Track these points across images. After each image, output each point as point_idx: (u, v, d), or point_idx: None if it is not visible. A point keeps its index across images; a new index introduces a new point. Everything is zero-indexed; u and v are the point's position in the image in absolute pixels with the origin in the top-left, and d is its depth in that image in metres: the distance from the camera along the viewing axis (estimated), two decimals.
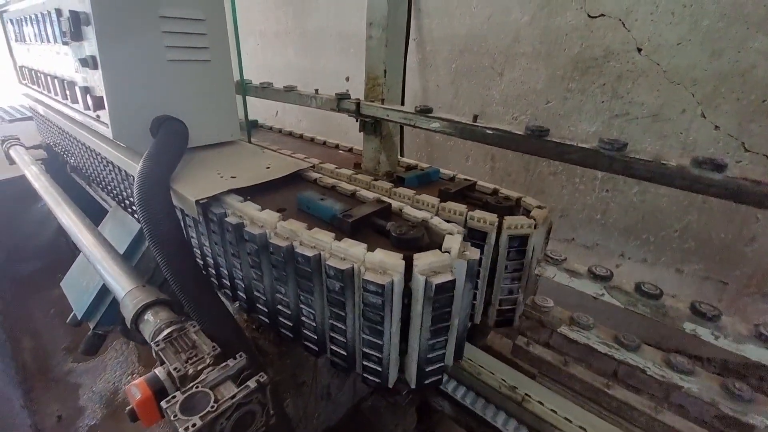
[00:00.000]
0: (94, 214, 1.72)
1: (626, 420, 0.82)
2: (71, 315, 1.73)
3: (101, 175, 1.57)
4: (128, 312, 1.04)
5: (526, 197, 0.97)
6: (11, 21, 1.89)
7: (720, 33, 1.35)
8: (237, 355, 0.82)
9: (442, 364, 0.83)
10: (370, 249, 0.75)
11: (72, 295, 1.63)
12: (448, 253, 0.74)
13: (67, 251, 3.37)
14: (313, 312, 0.82)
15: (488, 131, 0.84)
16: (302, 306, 0.84)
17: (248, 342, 0.95)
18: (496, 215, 0.90)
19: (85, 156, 1.62)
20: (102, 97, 1.11)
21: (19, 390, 2.15)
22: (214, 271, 1.07)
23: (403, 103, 2.22)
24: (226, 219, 0.91)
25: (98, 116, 1.16)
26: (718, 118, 1.43)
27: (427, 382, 0.81)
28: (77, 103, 1.33)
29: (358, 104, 1.08)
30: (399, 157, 1.28)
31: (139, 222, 0.92)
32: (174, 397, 0.75)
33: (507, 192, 1.04)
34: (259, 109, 2.92)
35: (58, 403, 2.32)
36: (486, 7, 1.84)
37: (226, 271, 1.01)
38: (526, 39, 1.77)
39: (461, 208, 0.93)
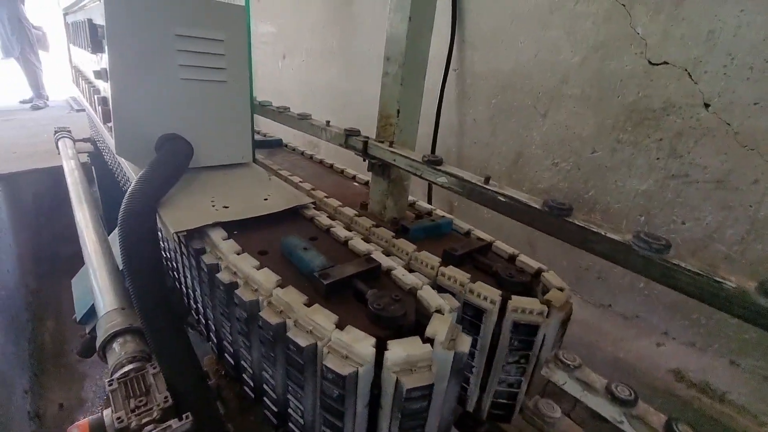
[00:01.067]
0: None
1: None
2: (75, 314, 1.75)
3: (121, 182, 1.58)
4: (100, 335, 0.99)
5: (548, 272, 0.81)
6: (70, 25, 1.99)
7: None
8: (184, 416, 0.73)
9: None
10: (341, 321, 0.64)
11: (77, 294, 1.64)
12: (430, 343, 0.61)
13: None
14: (273, 382, 0.72)
15: (500, 198, 0.71)
16: (264, 371, 0.74)
17: (209, 393, 0.86)
18: (500, 292, 0.76)
19: (110, 158, 1.65)
20: (107, 110, 1.09)
21: (27, 374, 2.21)
22: (193, 304, 1.00)
23: (435, 136, 2.12)
24: (202, 257, 0.83)
25: (110, 128, 1.14)
26: None
27: None
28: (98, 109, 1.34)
29: (365, 143, 0.98)
30: (424, 201, 1.17)
31: (119, 240, 0.86)
32: None
33: (527, 260, 0.88)
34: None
35: (63, 390, 2.37)
36: (533, 43, 1.70)
37: (201, 308, 0.94)
38: (574, 81, 1.61)
39: (463, 277, 0.79)
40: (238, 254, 0.79)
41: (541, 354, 0.76)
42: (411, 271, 0.83)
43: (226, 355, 0.87)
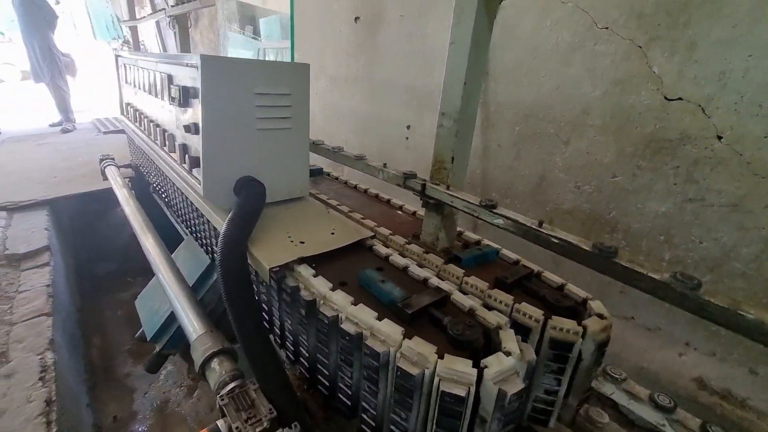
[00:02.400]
0: (167, 234, 1.92)
1: None
2: (140, 331, 1.91)
3: (182, 211, 1.74)
4: (197, 356, 1.14)
5: (594, 301, 0.95)
6: (125, 66, 2.18)
7: None
8: (293, 425, 0.88)
9: None
10: (432, 346, 0.78)
11: (144, 314, 1.80)
12: (511, 355, 0.75)
13: (137, 257, 3.72)
14: (375, 402, 0.85)
15: (553, 239, 0.85)
16: (364, 392, 0.88)
17: (300, 408, 1.00)
18: (542, 312, 0.90)
19: (171, 191, 1.81)
20: (198, 158, 1.25)
21: (84, 387, 2.37)
22: (278, 331, 1.15)
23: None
24: (299, 293, 0.98)
25: (194, 174, 1.31)
26: None
27: None
28: (174, 153, 1.51)
29: (423, 185, 1.13)
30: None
31: (218, 278, 1.02)
32: None
33: (575, 289, 1.02)
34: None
35: (115, 403, 2.53)
36: (554, 77, 1.85)
37: (289, 335, 1.09)
38: (595, 112, 1.76)
39: (508, 299, 0.94)
40: (332, 290, 0.94)
41: (578, 368, 0.89)
42: (464, 293, 0.97)
43: (319, 377, 1.00)
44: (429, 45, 2.34)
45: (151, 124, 1.75)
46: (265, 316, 1.23)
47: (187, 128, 1.25)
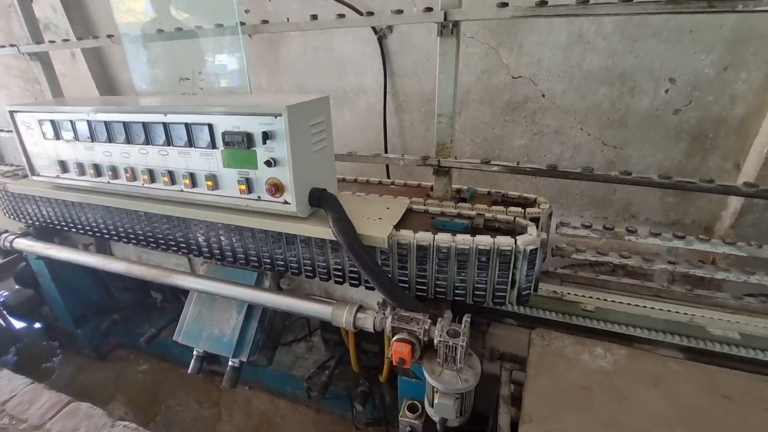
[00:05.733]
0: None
1: None
2: (191, 365, 2.07)
3: (213, 240, 1.95)
4: (348, 320, 1.60)
5: (539, 197, 1.86)
6: (51, 122, 2.01)
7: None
8: (423, 314, 1.52)
9: (529, 291, 1.66)
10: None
11: (207, 344, 1.98)
12: (532, 236, 1.58)
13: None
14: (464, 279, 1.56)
15: (528, 169, 1.70)
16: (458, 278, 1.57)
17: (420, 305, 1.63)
18: (520, 208, 1.75)
19: (182, 227, 1.96)
20: (276, 185, 1.62)
21: None
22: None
23: (386, 137, 2.96)
24: (420, 244, 1.56)
25: (284, 200, 1.65)
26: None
27: (524, 302, 1.63)
28: (217, 189, 1.76)
29: (439, 161, 1.82)
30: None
31: (354, 261, 1.52)
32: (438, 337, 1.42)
33: (527, 195, 1.91)
34: None
35: None
36: None
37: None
38: (474, 91, 2.70)
39: (500, 208, 1.76)
40: (434, 235, 1.57)
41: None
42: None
43: (438, 289, 1.64)
44: (337, 55, 2.87)
45: (156, 172, 1.84)
46: None
47: (269, 163, 1.59)
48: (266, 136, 1.58)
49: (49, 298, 2.90)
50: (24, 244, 2.41)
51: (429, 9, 1.59)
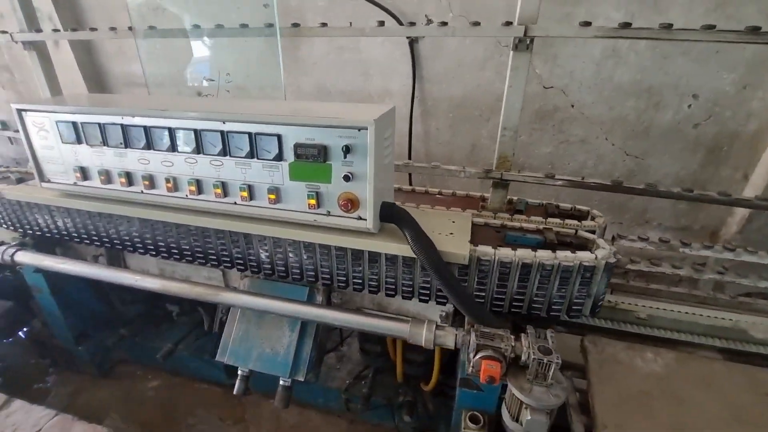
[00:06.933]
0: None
1: None
2: (237, 386, 1.96)
3: (275, 256, 1.85)
4: (428, 338, 1.58)
5: (592, 210, 1.91)
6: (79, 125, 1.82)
7: None
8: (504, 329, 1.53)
9: (602, 302, 1.70)
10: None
11: (259, 364, 1.88)
12: (606, 250, 1.62)
13: None
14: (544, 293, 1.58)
15: (592, 183, 1.74)
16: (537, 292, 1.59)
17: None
18: (576, 221, 1.80)
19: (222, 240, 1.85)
20: (355, 200, 1.57)
21: None
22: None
23: (410, 142, 2.93)
24: (502, 260, 1.55)
25: (358, 216, 1.59)
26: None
27: (596, 313, 1.69)
28: (280, 202, 1.68)
29: (501, 175, 1.82)
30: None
31: (436, 279, 1.49)
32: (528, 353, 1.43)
33: (580, 207, 1.96)
34: None
35: None
36: (474, 79, 2.71)
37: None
38: None
39: (556, 220, 1.80)
40: (513, 250, 1.58)
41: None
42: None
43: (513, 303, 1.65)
44: (364, 57, 2.78)
45: (206, 182, 1.71)
46: None
47: (347, 177, 1.52)
48: (347, 149, 1.51)
49: (47, 312, 2.63)
50: (28, 257, 2.16)
51: (509, 23, 1.57)
